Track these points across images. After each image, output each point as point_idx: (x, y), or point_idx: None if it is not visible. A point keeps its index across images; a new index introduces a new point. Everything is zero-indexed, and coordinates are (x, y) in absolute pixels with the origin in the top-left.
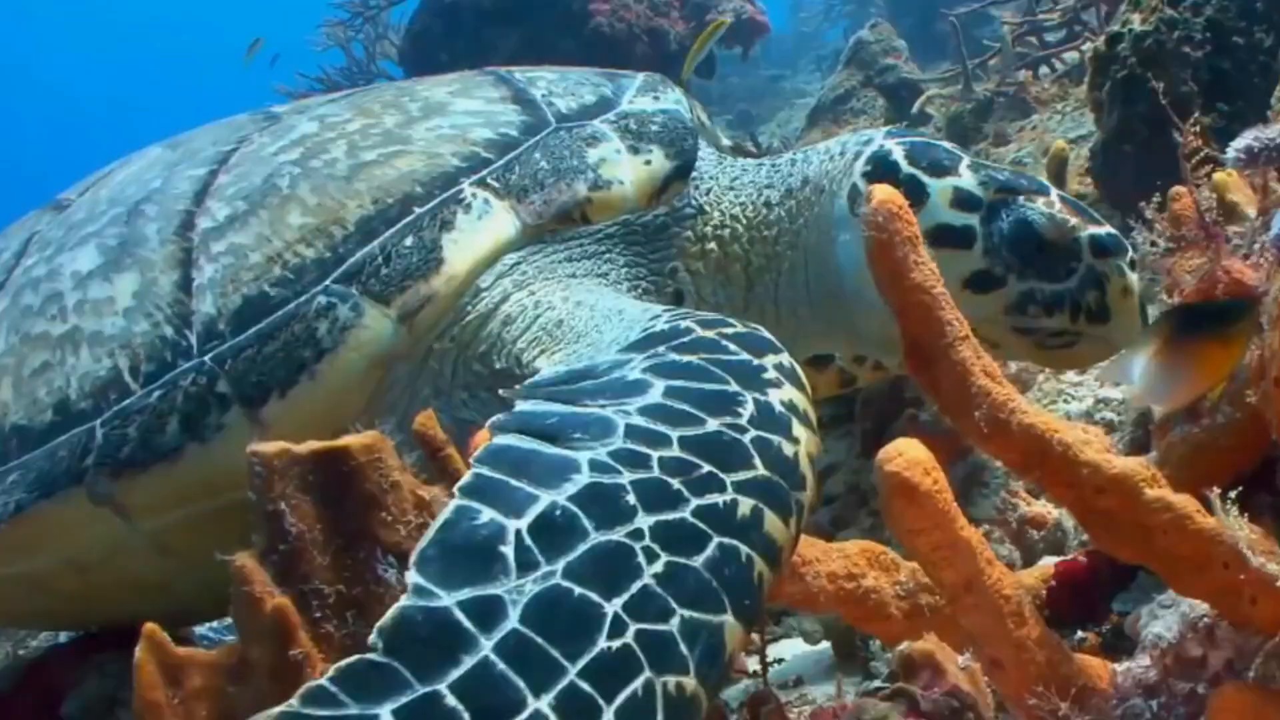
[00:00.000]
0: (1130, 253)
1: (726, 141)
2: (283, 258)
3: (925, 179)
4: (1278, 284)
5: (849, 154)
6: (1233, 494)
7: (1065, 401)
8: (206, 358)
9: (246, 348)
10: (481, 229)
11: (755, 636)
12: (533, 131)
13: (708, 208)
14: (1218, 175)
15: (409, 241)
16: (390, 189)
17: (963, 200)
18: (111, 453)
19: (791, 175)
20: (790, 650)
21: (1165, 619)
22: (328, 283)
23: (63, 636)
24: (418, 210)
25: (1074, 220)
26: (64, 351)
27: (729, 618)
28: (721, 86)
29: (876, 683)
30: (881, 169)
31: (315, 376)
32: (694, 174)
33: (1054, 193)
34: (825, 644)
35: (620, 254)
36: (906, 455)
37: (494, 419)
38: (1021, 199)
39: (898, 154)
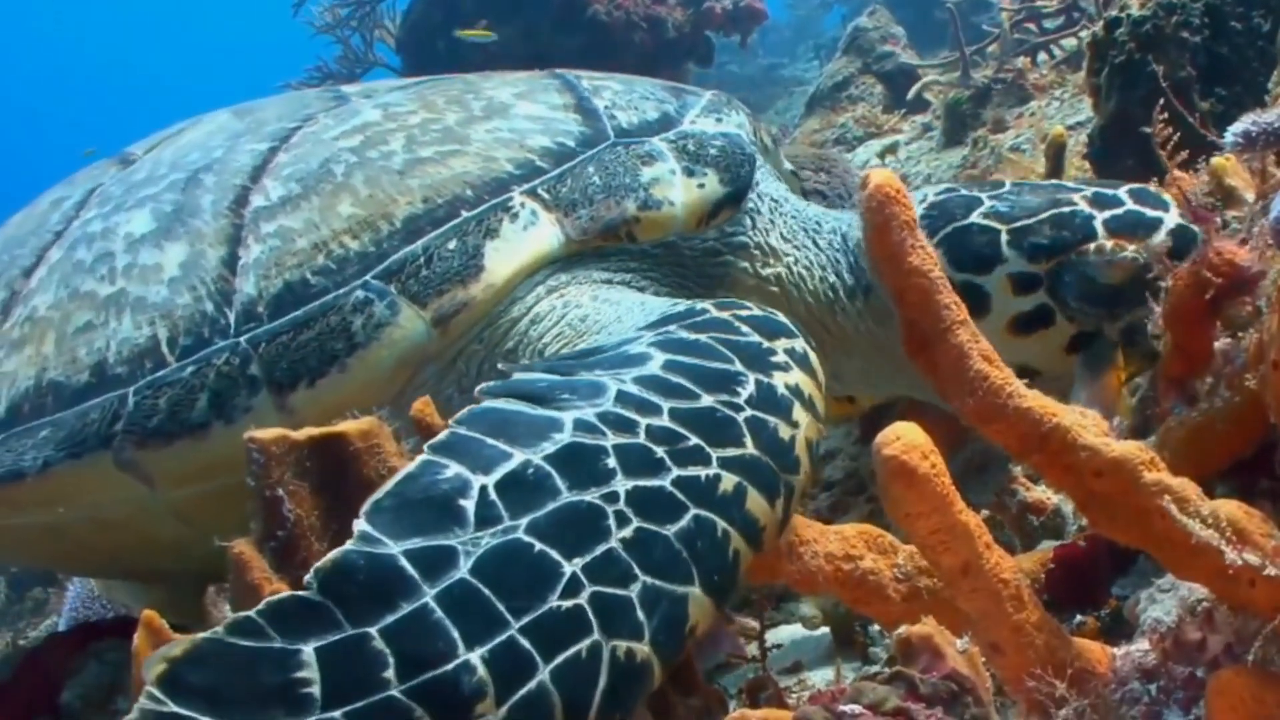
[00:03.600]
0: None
1: (789, 165)
2: (328, 247)
3: (978, 280)
4: (1276, 268)
5: None
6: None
7: None
8: (242, 339)
9: (282, 333)
10: (526, 240)
11: (754, 622)
12: (590, 144)
13: (766, 250)
14: (1216, 160)
15: (452, 245)
16: (441, 189)
17: (1022, 284)
18: (140, 421)
19: (857, 271)
20: (789, 636)
21: (1164, 603)
22: (368, 278)
23: (62, 624)
24: (465, 214)
25: (1132, 247)
26: (108, 314)
27: (695, 589)
28: (719, 75)
29: (875, 668)
30: None
31: (345, 369)
32: (751, 204)
33: (1100, 228)
34: (824, 629)
35: (662, 275)
36: (905, 439)
37: (483, 385)
38: (1073, 256)
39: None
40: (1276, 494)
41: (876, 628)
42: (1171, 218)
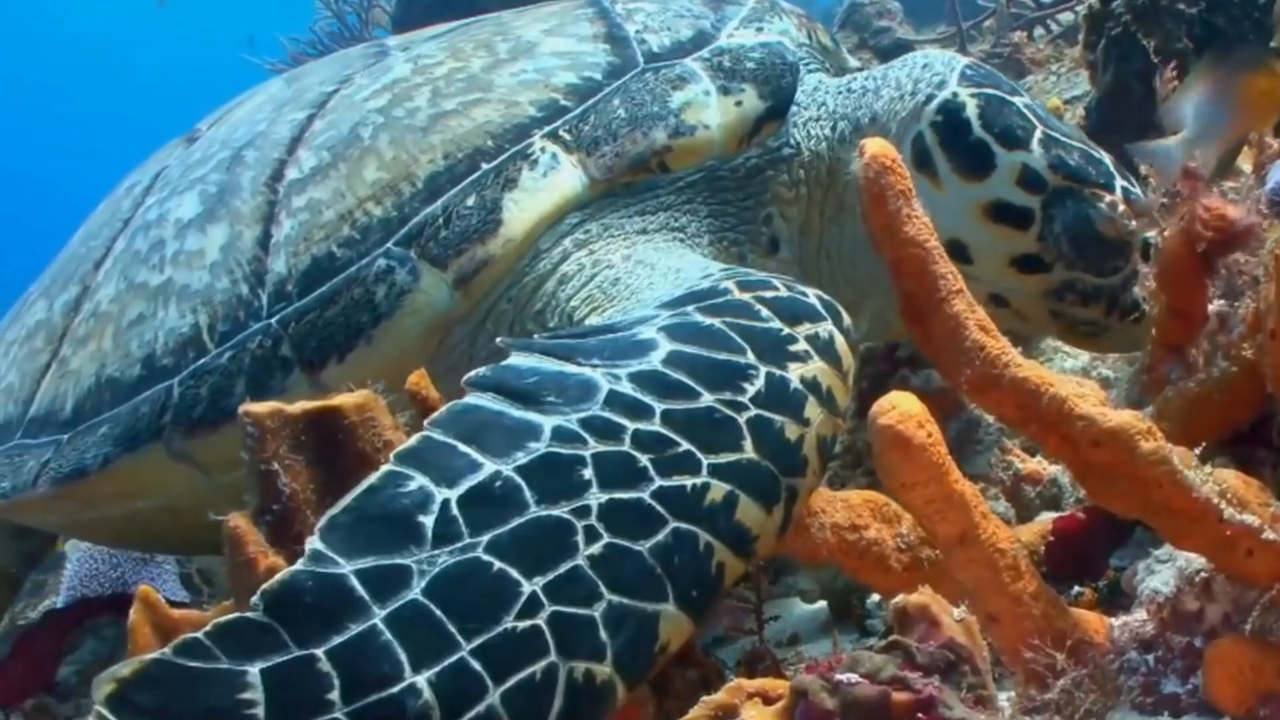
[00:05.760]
0: None
1: (854, 63)
2: (353, 215)
3: (995, 148)
4: (1274, 237)
5: (920, 95)
6: (1198, 450)
7: (1062, 359)
8: (273, 320)
9: (310, 311)
10: (545, 187)
11: (751, 595)
12: (617, 74)
13: (802, 151)
14: None
15: (471, 201)
16: (462, 142)
17: (1029, 180)
18: (186, 412)
19: (860, 109)
20: (786, 609)
21: (1162, 574)
22: (389, 245)
23: (60, 601)
24: (484, 166)
25: (1134, 223)
26: (156, 304)
27: (668, 607)
28: None
29: (873, 640)
30: (951, 122)
31: (372, 341)
32: (793, 113)
33: (1119, 187)
34: (822, 603)
35: (704, 203)
36: (900, 408)
37: (470, 374)
38: (1087, 192)
39: (971, 110)
40: (1275, 464)
41: (874, 600)
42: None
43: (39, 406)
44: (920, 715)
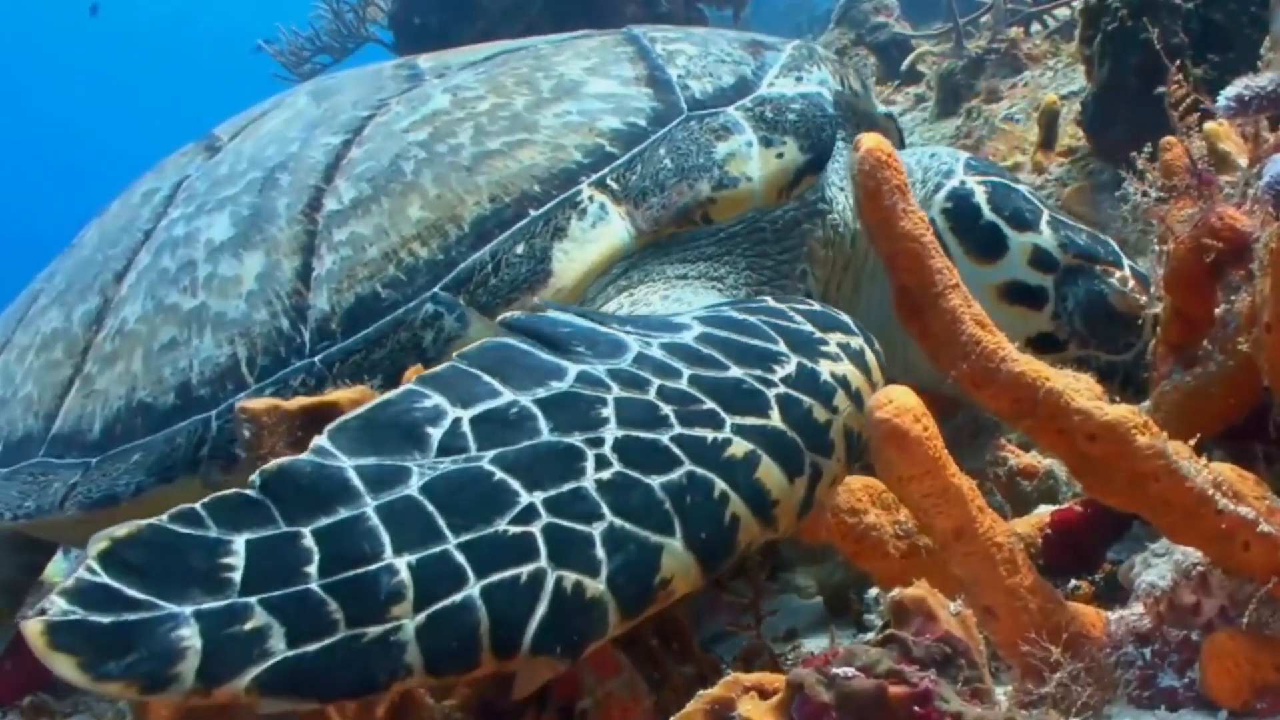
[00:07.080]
0: None
1: (883, 109)
2: (397, 255)
3: (1006, 230)
4: (1269, 231)
5: (929, 184)
6: (1191, 442)
7: None
8: (317, 358)
9: (355, 352)
10: (594, 238)
11: (748, 591)
12: (662, 121)
13: (831, 201)
14: (1209, 125)
15: (520, 249)
16: (509, 186)
17: (1041, 260)
18: (224, 445)
19: None
20: (784, 605)
21: (1158, 567)
22: (436, 289)
23: None
24: (532, 213)
25: (1144, 298)
26: (190, 330)
27: (674, 542)
28: None
29: (869, 635)
30: (961, 208)
31: None
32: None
33: (1126, 265)
34: (819, 599)
35: (742, 255)
36: (897, 402)
37: (505, 315)
38: (1097, 269)
39: (980, 196)
40: (1271, 458)
41: (871, 595)
42: None
43: (63, 424)
44: (916, 709)
